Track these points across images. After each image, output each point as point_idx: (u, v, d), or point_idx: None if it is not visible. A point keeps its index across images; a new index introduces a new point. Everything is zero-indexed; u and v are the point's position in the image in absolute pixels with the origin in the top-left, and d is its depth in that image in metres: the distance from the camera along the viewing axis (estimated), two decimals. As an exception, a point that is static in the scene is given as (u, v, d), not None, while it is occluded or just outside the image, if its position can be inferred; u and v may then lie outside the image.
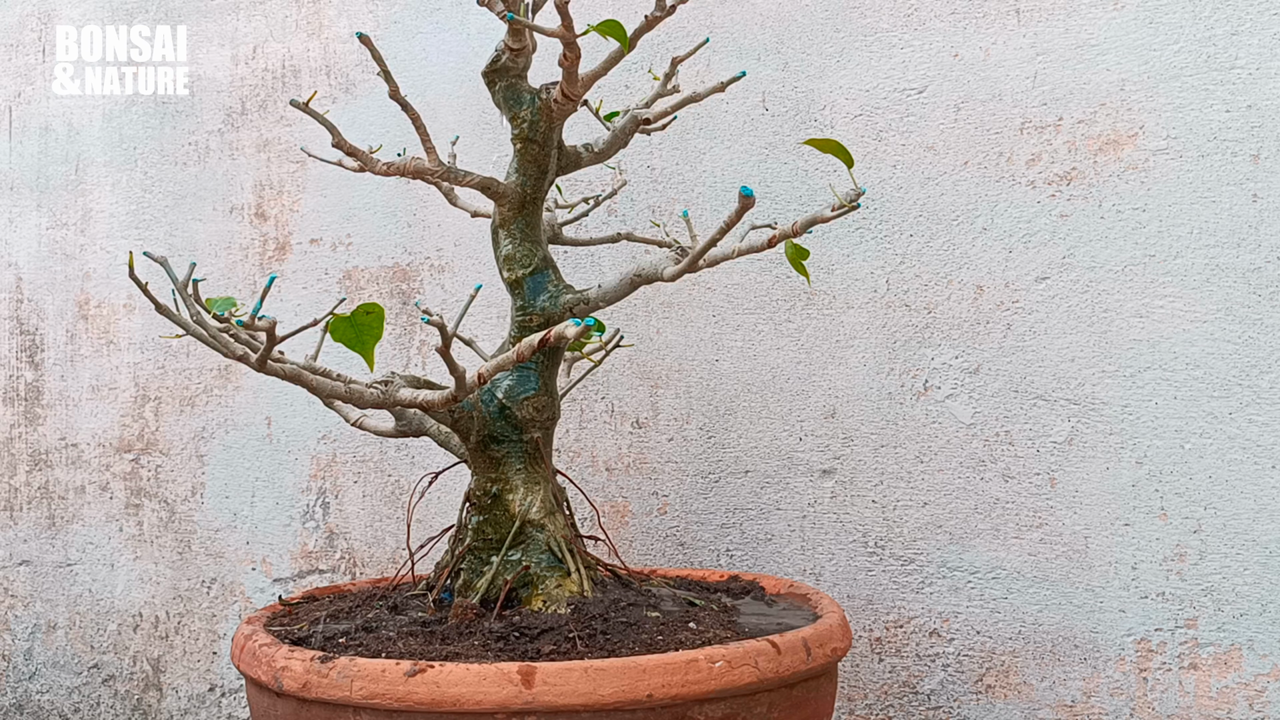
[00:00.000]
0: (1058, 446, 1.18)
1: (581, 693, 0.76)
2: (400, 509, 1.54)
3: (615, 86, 1.38)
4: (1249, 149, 1.11)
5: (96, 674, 1.75)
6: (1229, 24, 1.12)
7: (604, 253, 1.42)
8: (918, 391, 1.25)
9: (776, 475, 1.32)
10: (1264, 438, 1.10)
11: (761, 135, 1.34)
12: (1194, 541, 1.13)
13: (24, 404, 1.82)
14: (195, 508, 1.68)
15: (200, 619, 1.67)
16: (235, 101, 1.68)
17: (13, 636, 1.82)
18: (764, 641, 0.80)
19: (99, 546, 1.75)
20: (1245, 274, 1.11)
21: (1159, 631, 1.14)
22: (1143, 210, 1.15)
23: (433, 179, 0.95)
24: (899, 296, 1.26)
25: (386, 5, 1.58)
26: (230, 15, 1.69)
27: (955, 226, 1.24)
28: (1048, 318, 1.19)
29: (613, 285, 0.98)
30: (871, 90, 1.28)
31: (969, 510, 1.22)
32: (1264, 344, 1.10)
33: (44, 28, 1.82)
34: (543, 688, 0.76)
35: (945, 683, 1.23)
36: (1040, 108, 1.20)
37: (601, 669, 0.77)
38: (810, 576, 1.30)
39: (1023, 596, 1.20)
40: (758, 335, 1.33)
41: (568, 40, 0.84)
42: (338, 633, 0.91)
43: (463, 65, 1.51)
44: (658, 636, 0.86)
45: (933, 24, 1.25)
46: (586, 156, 1.01)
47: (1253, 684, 1.10)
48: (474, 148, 1.48)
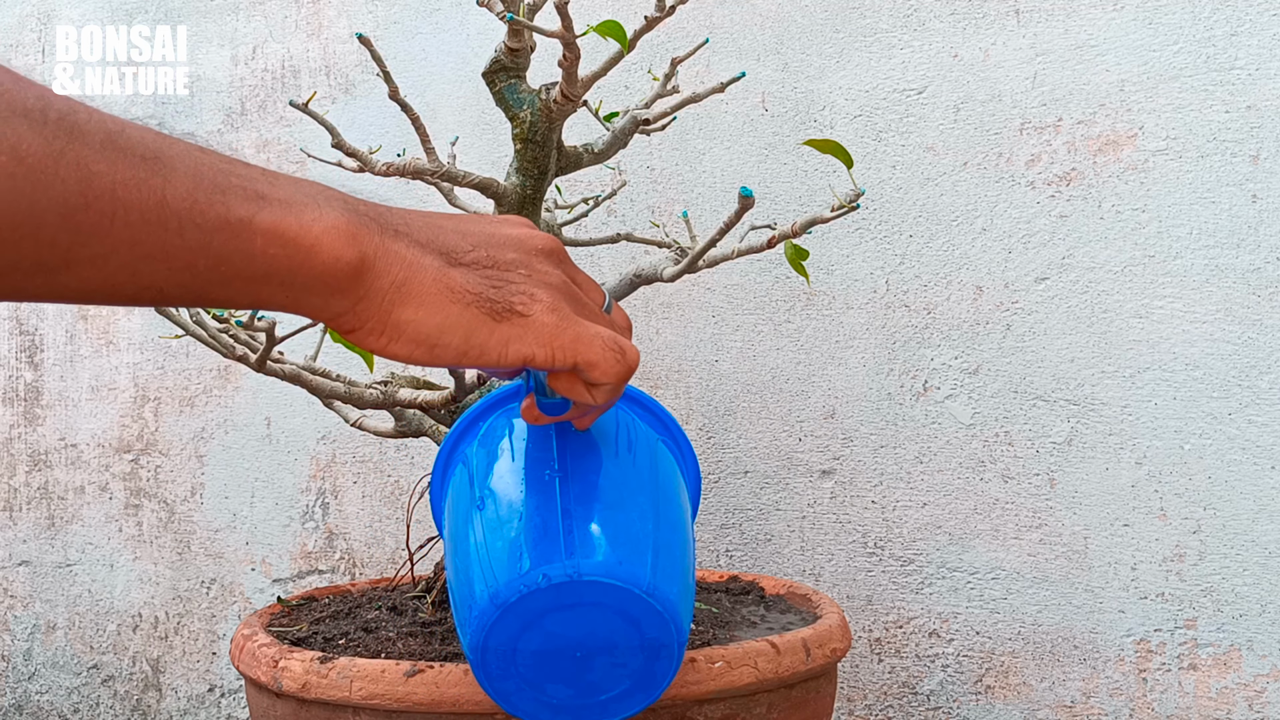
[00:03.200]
0: (1057, 447, 1.18)
1: (581, 693, 0.76)
2: (400, 509, 1.54)
3: (615, 87, 1.38)
4: (1249, 149, 1.11)
5: (96, 674, 1.75)
6: (1228, 24, 1.12)
7: (604, 253, 1.42)
8: (917, 392, 1.25)
9: (776, 476, 1.32)
10: (1264, 438, 1.10)
11: (761, 135, 1.34)
12: (1193, 542, 1.13)
13: (23, 404, 1.82)
14: (195, 508, 1.68)
15: (200, 619, 1.67)
16: (235, 102, 1.68)
17: (12, 637, 1.82)
18: (763, 642, 0.80)
19: (98, 547, 1.75)
20: (1245, 274, 1.11)
21: (1158, 632, 1.14)
22: (1142, 211, 1.15)
23: (432, 179, 0.95)
24: (898, 297, 1.26)
25: (386, 6, 1.58)
26: (230, 15, 1.69)
27: (955, 227, 1.24)
28: (1047, 318, 1.19)
29: (612, 286, 0.98)
30: (871, 91, 1.28)
31: (969, 511, 1.22)
32: (1263, 344, 1.10)
33: (44, 28, 1.82)
34: (542, 688, 0.75)
35: (945, 683, 1.23)
36: (1040, 108, 1.20)
37: (601, 669, 0.76)
38: (810, 577, 1.30)
39: (1022, 597, 1.20)
40: (757, 336, 1.33)
41: (567, 41, 0.84)
42: (337, 633, 0.91)
43: (462, 65, 1.51)
44: (657, 637, 0.86)
45: (932, 25, 1.25)
46: (586, 157, 1.01)
47: (1252, 684, 1.10)
48: (474, 148, 1.48)
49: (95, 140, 0.38)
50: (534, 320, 0.50)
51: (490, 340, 0.49)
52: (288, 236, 0.43)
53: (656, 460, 0.68)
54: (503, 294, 0.49)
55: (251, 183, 0.43)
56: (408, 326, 0.47)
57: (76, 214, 0.37)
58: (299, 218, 0.44)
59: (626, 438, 0.67)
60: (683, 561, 0.64)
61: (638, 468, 0.66)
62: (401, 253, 0.47)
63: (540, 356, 0.50)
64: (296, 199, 0.45)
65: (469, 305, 0.48)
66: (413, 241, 0.48)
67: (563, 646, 0.59)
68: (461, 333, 0.48)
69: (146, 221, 0.39)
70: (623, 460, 0.65)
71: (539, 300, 0.50)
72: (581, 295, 0.53)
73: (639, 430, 0.69)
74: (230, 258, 0.42)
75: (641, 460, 0.66)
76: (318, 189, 0.47)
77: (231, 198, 0.42)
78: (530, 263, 0.51)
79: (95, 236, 0.38)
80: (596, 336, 0.52)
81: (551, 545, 0.58)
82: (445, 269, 0.48)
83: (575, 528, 0.59)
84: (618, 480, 0.63)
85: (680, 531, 0.65)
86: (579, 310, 0.52)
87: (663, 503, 0.65)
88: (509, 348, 0.50)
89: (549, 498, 0.60)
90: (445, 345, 0.48)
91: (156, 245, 0.40)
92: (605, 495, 0.62)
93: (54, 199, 0.37)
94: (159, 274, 0.41)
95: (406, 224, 0.49)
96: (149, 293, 0.42)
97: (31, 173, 0.36)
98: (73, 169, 0.37)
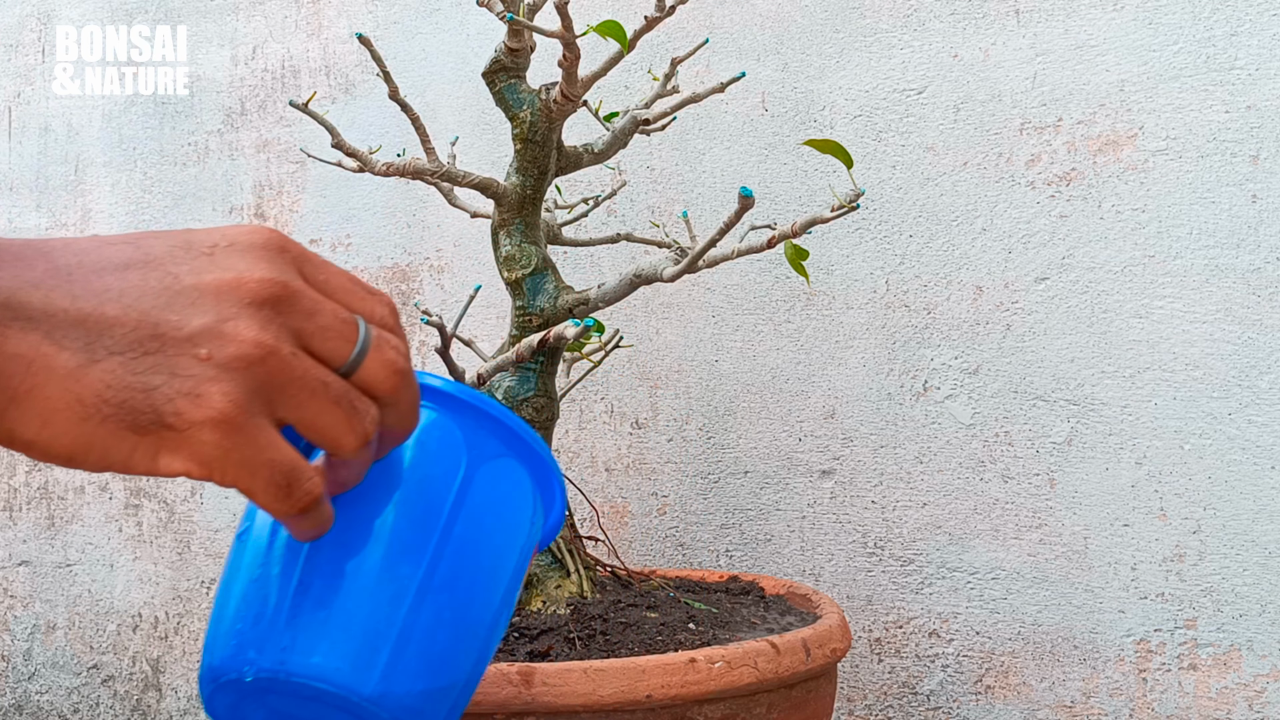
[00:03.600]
0: (1057, 447, 1.18)
1: (581, 693, 0.76)
2: (400, 509, 1.54)
3: (615, 87, 1.38)
4: (1248, 150, 1.11)
5: (96, 674, 1.75)
6: (1228, 25, 1.12)
7: (604, 253, 1.42)
8: (917, 392, 1.25)
9: (776, 476, 1.32)
10: (1263, 438, 1.10)
11: (761, 136, 1.34)
12: (1193, 542, 1.13)
13: (23, 404, 1.82)
14: (194, 508, 1.68)
15: (200, 619, 1.67)
16: (235, 102, 1.68)
17: (12, 637, 1.82)
18: (763, 642, 0.80)
19: (98, 547, 1.75)
20: (1245, 274, 1.11)
21: (1158, 632, 1.14)
22: (1142, 211, 1.15)
23: (432, 179, 0.95)
24: (898, 297, 1.26)
25: (386, 6, 1.58)
26: (230, 15, 1.69)
27: (955, 227, 1.24)
28: (1047, 318, 1.19)
29: (612, 286, 0.98)
30: (871, 91, 1.28)
31: (968, 511, 1.22)
32: (1263, 344, 1.10)
33: (44, 28, 1.82)
34: (542, 688, 0.76)
35: (945, 683, 1.23)
36: (1040, 108, 1.20)
37: (601, 669, 0.77)
38: (809, 577, 1.30)
39: (1022, 597, 1.20)
40: (757, 336, 1.33)
41: (567, 41, 0.84)
42: (337, 633, 0.91)
43: (462, 65, 1.51)
44: (657, 637, 0.86)
45: (932, 25, 1.25)
46: (586, 157, 1.01)
47: (1252, 684, 1.10)
48: (474, 148, 1.48)
49: None
50: (189, 436, 0.40)
51: (134, 456, 0.40)
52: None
53: (462, 502, 0.55)
54: (152, 401, 0.40)
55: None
56: (31, 447, 0.39)
57: None
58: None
59: (421, 477, 0.54)
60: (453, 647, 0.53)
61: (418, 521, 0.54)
62: (24, 354, 0.38)
63: (197, 474, 0.42)
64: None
65: (104, 421, 0.39)
66: (47, 332, 0.39)
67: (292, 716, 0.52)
68: (97, 453, 0.40)
69: None
70: (406, 509, 0.53)
71: (204, 406, 0.40)
72: (290, 368, 0.42)
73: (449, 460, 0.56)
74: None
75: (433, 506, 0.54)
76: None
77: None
78: (219, 330, 0.41)
79: None
80: (264, 465, 0.42)
81: (272, 626, 0.51)
82: (80, 371, 0.39)
83: (305, 608, 0.51)
84: (383, 543, 0.52)
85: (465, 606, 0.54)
86: (278, 397, 0.42)
87: (444, 567, 0.53)
88: (158, 461, 0.41)
89: (292, 561, 0.51)
90: (82, 464, 0.40)
91: None
92: (360, 564, 0.51)
93: None
94: None
95: (48, 302, 0.39)
96: None
97: None
98: None
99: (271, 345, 0.41)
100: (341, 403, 0.43)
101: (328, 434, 0.43)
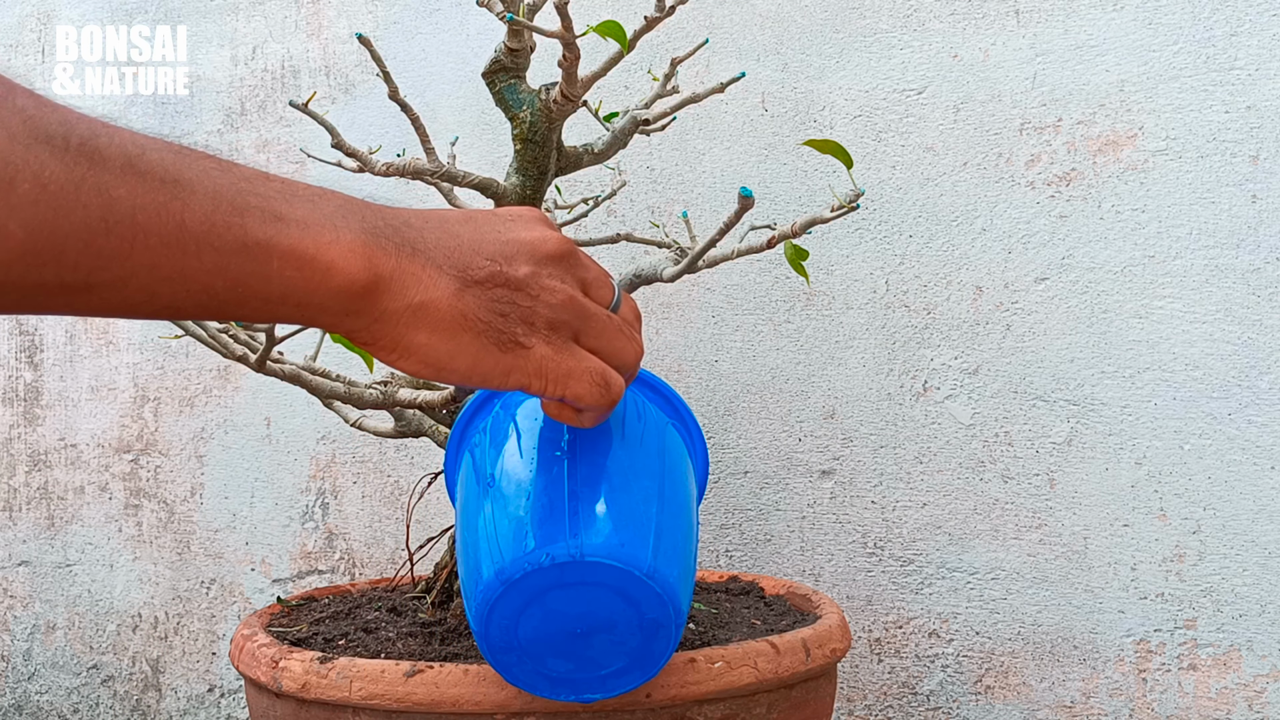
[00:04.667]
0: (1057, 447, 1.18)
1: (581, 693, 0.76)
2: (400, 509, 1.54)
3: (615, 87, 1.39)
4: (1248, 150, 1.11)
5: (96, 674, 1.75)
6: (1228, 25, 1.12)
7: (603, 253, 1.42)
8: (917, 392, 1.25)
9: (776, 476, 1.32)
10: (1263, 438, 1.10)
11: (761, 136, 1.34)
12: (1193, 542, 1.13)
13: (23, 404, 1.82)
14: (194, 508, 1.68)
15: (199, 619, 1.67)
16: (235, 102, 1.68)
17: (12, 637, 1.82)
18: (763, 642, 0.80)
19: (98, 547, 1.75)
20: (1244, 275, 1.11)
21: (1158, 632, 1.14)
22: (1142, 211, 1.15)
23: (432, 179, 0.95)
24: (898, 297, 1.26)
25: (386, 6, 1.58)
26: (230, 15, 1.69)
27: (955, 227, 1.24)
28: (1047, 318, 1.19)
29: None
30: (871, 91, 1.28)
31: (968, 511, 1.22)
32: (1263, 345, 1.10)
33: (44, 28, 1.82)
34: (542, 688, 0.76)
35: (945, 683, 1.23)
36: (1039, 108, 1.20)
37: (601, 670, 0.77)
38: (809, 577, 1.30)
39: (1022, 597, 1.20)
40: (757, 336, 1.33)
41: (567, 41, 0.84)
42: (337, 634, 0.91)
43: (462, 65, 1.51)
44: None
45: (932, 25, 1.25)
46: (586, 157, 1.01)
47: (1252, 685, 1.10)
48: (474, 148, 1.48)
49: (115, 165, 0.38)
50: (532, 353, 0.52)
51: (494, 369, 0.51)
52: (304, 259, 0.44)
53: (665, 444, 0.70)
54: (509, 324, 0.51)
55: (269, 202, 0.44)
56: (419, 349, 0.49)
57: (97, 239, 0.38)
58: (315, 239, 0.45)
59: (636, 422, 0.68)
60: (685, 545, 0.65)
61: (645, 452, 0.67)
62: (417, 274, 0.48)
63: (534, 386, 0.53)
64: (313, 219, 0.45)
65: (479, 334, 0.50)
66: (429, 260, 0.49)
67: (564, 623, 0.61)
68: (469, 359, 0.50)
69: (165, 245, 0.40)
70: (631, 444, 0.66)
71: (538, 331, 0.52)
72: (586, 307, 0.54)
73: (649, 414, 0.71)
74: (246, 280, 0.43)
75: (650, 444, 0.68)
76: (336, 204, 0.47)
77: (249, 219, 0.42)
78: (539, 278, 0.52)
79: (115, 260, 0.39)
80: (586, 372, 0.54)
81: (557, 525, 0.60)
82: (459, 292, 0.49)
83: (581, 509, 0.60)
84: (625, 464, 0.65)
85: (684, 516, 0.67)
86: (582, 328, 0.54)
87: (668, 487, 0.66)
88: (509, 377, 0.52)
89: (557, 479, 0.62)
90: (452, 369, 0.50)
91: (175, 268, 0.40)
92: (612, 478, 0.63)
93: (75, 225, 0.37)
94: (177, 295, 0.41)
95: (423, 238, 0.49)
96: (166, 311, 0.42)
97: (54, 199, 0.36)
98: (94, 195, 0.37)
99: (572, 292, 0.54)
100: (623, 330, 0.57)
101: (617, 353, 0.56)
